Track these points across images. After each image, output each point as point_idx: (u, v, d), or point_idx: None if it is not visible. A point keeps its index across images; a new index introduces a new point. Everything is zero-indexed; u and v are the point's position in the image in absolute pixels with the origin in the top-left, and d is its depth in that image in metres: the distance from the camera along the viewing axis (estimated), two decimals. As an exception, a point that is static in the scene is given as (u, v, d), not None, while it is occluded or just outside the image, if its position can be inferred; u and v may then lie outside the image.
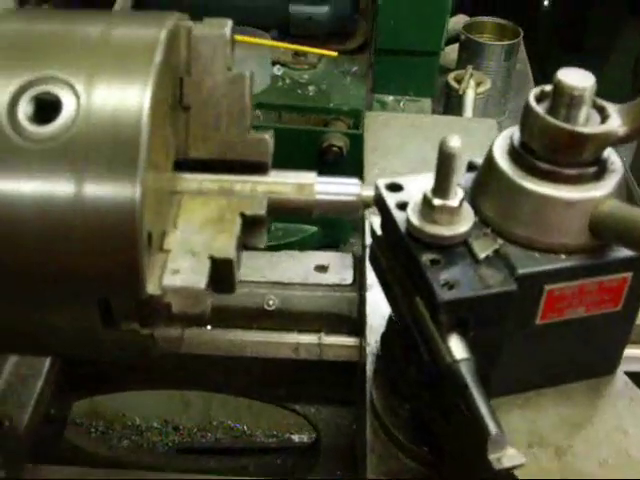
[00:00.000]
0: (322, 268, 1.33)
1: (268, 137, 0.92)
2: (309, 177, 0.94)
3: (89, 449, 1.49)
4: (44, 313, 0.83)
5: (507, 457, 0.68)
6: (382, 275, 0.90)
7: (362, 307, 1.25)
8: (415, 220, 0.79)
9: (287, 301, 1.28)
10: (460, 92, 2.01)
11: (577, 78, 0.75)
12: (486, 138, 1.49)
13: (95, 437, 1.82)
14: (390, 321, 0.96)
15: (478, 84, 2.17)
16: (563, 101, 0.75)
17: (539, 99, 0.78)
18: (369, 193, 0.95)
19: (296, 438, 1.92)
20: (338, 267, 1.34)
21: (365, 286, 1.17)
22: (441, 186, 0.77)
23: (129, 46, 0.81)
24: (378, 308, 1.13)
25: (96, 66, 0.79)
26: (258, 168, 0.93)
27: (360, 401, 1.13)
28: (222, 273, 0.84)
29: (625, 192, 0.80)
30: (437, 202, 0.77)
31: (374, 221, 0.90)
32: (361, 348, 1.25)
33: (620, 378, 0.89)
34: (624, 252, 0.78)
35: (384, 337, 0.99)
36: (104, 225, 0.74)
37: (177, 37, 0.87)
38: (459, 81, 2.18)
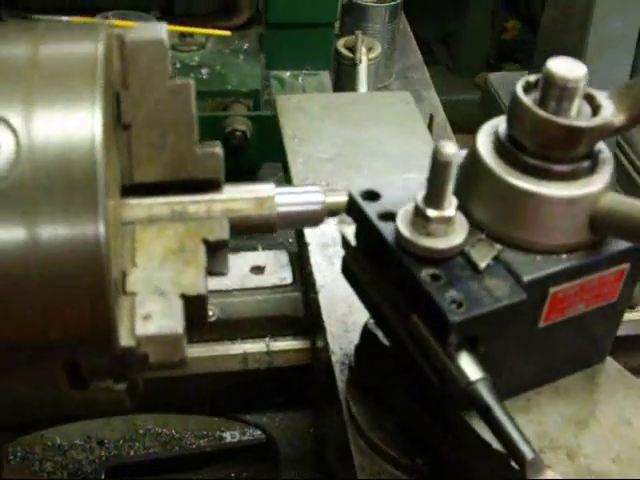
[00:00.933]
0: (258, 269, 1.26)
1: (219, 150, 0.83)
2: (267, 189, 0.87)
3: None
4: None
5: (547, 481, 0.64)
6: (361, 289, 0.84)
7: (310, 308, 1.19)
8: (407, 233, 0.73)
9: (227, 309, 1.20)
10: (357, 61, 1.95)
11: (568, 68, 0.70)
12: (405, 112, 1.45)
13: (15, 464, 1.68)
14: (366, 333, 0.90)
15: (369, 49, 2.12)
16: (553, 93, 0.71)
17: (525, 91, 0.74)
18: (334, 200, 0.88)
19: (228, 436, 1.85)
20: (275, 266, 1.27)
21: (315, 287, 1.11)
22: (435, 196, 0.71)
23: (64, 67, 0.71)
24: (333, 311, 1.08)
25: (31, 94, 0.68)
26: (210, 185, 0.84)
27: (330, 413, 1.07)
28: (194, 310, 0.76)
29: (614, 179, 0.76)
30: (432, 213, 0.71)
31: (347, 231, 0.84)
32: (314, 350, 1.19)
33: (611, 365, 0.87)
34: (622, 244, 0.75)
35: (360, 349, 0.93)
36: (65, 273, 0.65)
37: (110, 48, 0.76)
38: (349, 48, 2.12)
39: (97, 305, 0.66)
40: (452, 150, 0.68)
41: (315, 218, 0.86)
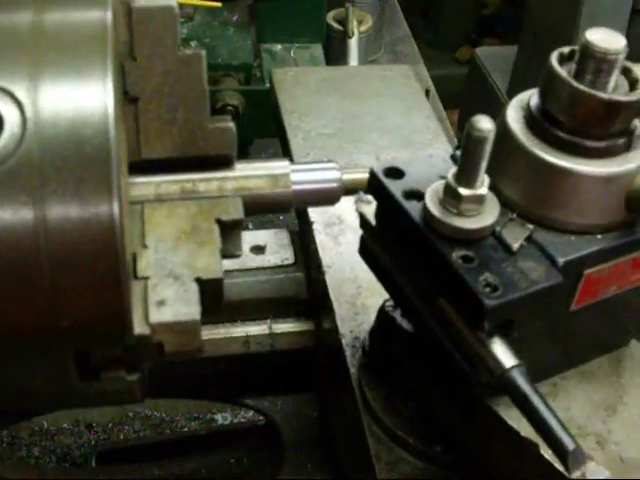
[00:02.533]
0: (259, 249, 1.21)
1: (231, 125, 0.79)
2: (282, 166, 0.83)
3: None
4: (6, 372, 0.68)
5: (591, 472, 0.61)
6: (381, 271, 0.81)
7: (314, 288, 1.15)
8: (436, 212, 0.69)
9: (228, 290, 1.15)
10: (350, 34, 1.90)
11: (608, 39, 0.66)
12: (406, 86, 1.41)
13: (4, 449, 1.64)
14: (383, 316, 0.87)
15: (359, 22, 2.07)
16: (591, 65, 0.67)
17: (559, 63, 0.70)
18: (351, 177, 0.84)
19: (219, 418, 1.82)
20: (276, 246, 1.23)
21: (321, 268, 1.07)
22: (468, 174, 0.67)
23: (72, 35, 0.66)
24: (341, 293, 1.04)
25: (36, 64, 0.63)
26: (221, 162, 0.80)
27: (338, 398, 1.04)
28: (210, 295, 0.72)
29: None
30: (464, 192, 0.67)
31: (365, 210, 0.80)
32: (319, 332, 1.16)
33: (636, 348, 0.85)
34: (657, 223, 0.72)
35: (375, 332, 0.90)
36: (77, 257, 0.60)
37: (116, 15, 0.71)
38: (339, 21, 2.07)
39: (110, 291, 0.62)
40: (488, 125, 0.64)
41: (332, 196, 0.82)
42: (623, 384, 0.81)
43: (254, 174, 0.80)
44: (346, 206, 1.13)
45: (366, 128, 1.30)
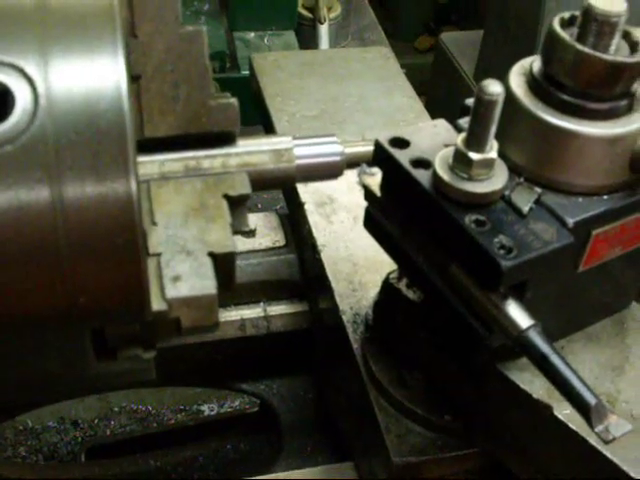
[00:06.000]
0: (249, 232, 1.21)
1: (234, 101, 0.79)
2: (284, 141, 0.83)
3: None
4: (21, 355, 0.67)
5: (614, 426, 0.63)
6: (388, 242, 0.81)
7: (307, 269, 1.16)
8: (447, 178, 0.69)
9: (220, 275, 1.15)
10: (322, 20, 1.90)
11: (609, 2, 0.68)
12: (385, 67, 1.42)
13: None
14: (387, 288, 0.87)
15: (328, 9, 2.08)
16: (593, 29, 0.68)
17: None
18: (352, 150, 0.84)
19: (206, 409, 1.81)
20: (266, 229, 1.23)
21: (316, 248, 1.07)
22: (478, 138, 0.68)
23: (77, 10, 0.65)
24: (338, 271, 1.05)
25: (45, 40, 0.62)
26: (224, 138, 0.80)
27: (340, 376, 1.04)
28: (223, 270, 0.72)
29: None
30: (475, 156, 0.68)
31: (370, 182, 0.80)
32: (314, 313, 1.16)
33: (637, 310, 0.86)
34: (661, 183, 0.74)
35: (380, 305, 0.90)
36: (95, 233, 0.60)
37: (116, -8, 0.70)
38: (308, 8, 2.08)
39: (129, 266, 0.62)
40: (498, 88, 0.65)
41: (335, 170, 0.83)
42: (628, 344, 0.83)
43: (257, 149, 0.80)
44: (337, 185, 1.14)
45: (350, 109, 1.31)
